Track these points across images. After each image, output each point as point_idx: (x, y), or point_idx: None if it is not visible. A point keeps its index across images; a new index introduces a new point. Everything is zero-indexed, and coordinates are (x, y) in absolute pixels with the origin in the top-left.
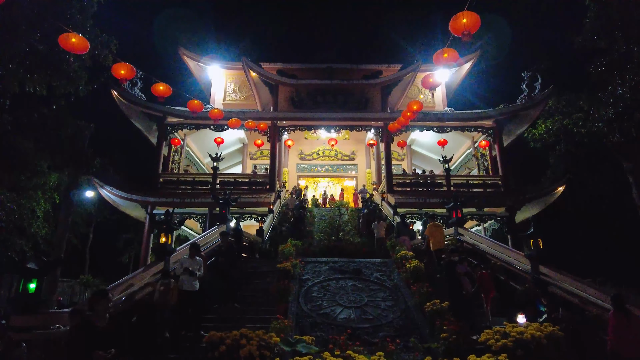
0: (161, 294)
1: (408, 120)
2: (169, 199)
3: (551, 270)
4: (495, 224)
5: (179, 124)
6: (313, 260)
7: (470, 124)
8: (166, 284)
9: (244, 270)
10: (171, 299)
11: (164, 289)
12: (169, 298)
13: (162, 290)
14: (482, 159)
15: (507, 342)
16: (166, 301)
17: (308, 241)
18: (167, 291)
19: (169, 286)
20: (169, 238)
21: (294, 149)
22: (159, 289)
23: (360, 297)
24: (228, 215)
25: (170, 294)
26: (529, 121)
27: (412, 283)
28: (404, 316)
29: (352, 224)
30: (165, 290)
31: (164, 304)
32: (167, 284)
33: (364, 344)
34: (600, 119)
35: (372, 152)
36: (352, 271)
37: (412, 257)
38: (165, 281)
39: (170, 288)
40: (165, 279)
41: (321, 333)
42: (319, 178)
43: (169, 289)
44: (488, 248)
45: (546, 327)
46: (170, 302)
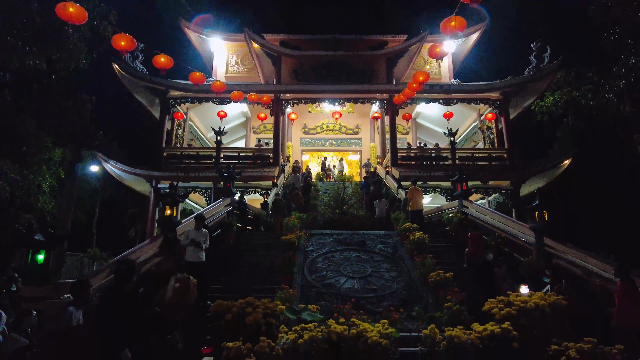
0: (176, 292)
1: (414, 92)
2: (173, 173)
3: (555, 242)
4: (499, 197)
5: (182, 97)
6: (317, 233)
7: (476, 96)
8: (183, 280)
9: (249, 243)
10: (189, 298)
11: (181, 286)
12: (188, 297)
13: (177, 287)
14: (488, 132)
15: (510, 311)
16: (183, 300)
17: (312, 214)
18: (184, 289)
19: (187, 283)
20: (174, 211)
21: (298, 123)
22: (174, 285)
23: (364, 268)
24: (232, 189)
25: (188, 293)
26: (537, 93)
27: (416, 254)
28: (408, 287)
29: (356, 197)
30: (183, 287)
31: (180, 303)
32: (184, 280)
33: (367, 313)
34: (610, 90)
35: (376, 126)
36: (356, 243)
37: (416, 229)
38: (181, 276)
39: (189, 285)
40: (182, 273)
41: (326, 302)
42: (323, 152)
43: (187, 287)
44: (492, 220)
45: (550, 297)
46: (190, 301)
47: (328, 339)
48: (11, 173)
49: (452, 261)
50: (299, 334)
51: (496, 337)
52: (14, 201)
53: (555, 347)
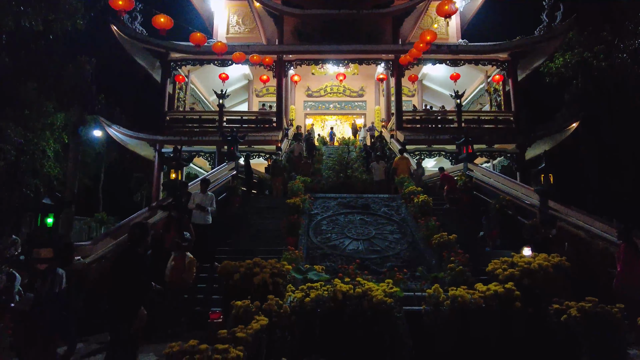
0: (173, 270)
1: (421, 52)
2: (176, 137)
3: (560, 205)
4: (504, 161)
5: (183, 59)
6: (322, 196)
7: (484, 57)
8: (179, 260)
9: (255, 206)
10: (188, 276)
11: (176, 265)
12: (186, 276)
13: (174, 265)
14: (495, 94)
15: (514, 272)
16: (181, 279)
17: (317, 178)
18: (180, 267)
19: (183, 262)
20: (178, 174)
21: (301, 85)
22: (170, 263)
23: (368, 230)
24: (237, 153)
25: (187, 271)
26: (547, 54)
27: (420, 217)
28: (411, 248)
29: (360, 161)
30: (179, 265)
31: (178, 282)
32: (179, 259)
33: (372, 274)
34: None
35: (381, 88)
36: (361, 206)
37: (420, 192)
38: (178, 255)
39: (187, 262)
40: (178, 251)
41: (331, 263)
42: (326, 116)
43: (184, 264)
44: (497, 183)
45: (553, 258)
46: (187, 281)
47: (334, 297)
48: (15, 136)
49: (456, 223)
50: (306, 292)
51: (499, 297)
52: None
53: (557, 306)
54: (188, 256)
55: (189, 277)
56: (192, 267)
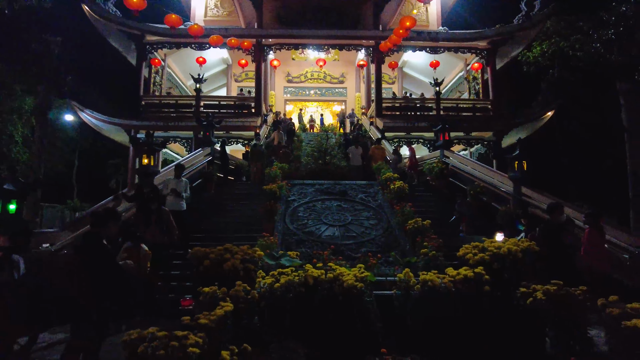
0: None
1: (400, 39)
2: (152, 123)
3: (533, 192)
4: (481, 148)
5: (159, 42)
6: (299, 183)
7: (464, 44)
8: (131, 251)
9: (231, 192)
10: (142, 271)
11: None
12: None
13: (125, 257)
14: (474, 82)
15: (484, 256)
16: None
17: (295, 165)
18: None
19: (139, 253)
20: (151, 159)
21: (281, 71)
22: (122, 255)
23: (345, 216)
24: (212, 138)
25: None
26: (525, 43)
27: (396, 203)
28: (387, 234)
29: (340, 148)
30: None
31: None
32: (132, 251)
33: (346, 259)
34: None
35: (362, 75)
36: (338, 192)
37: (396, 178)
38: (130, 246)
39: (142, 255)
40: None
41: (306, 249)
42: (307, 102)
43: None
44: (472, 170)
45: (523, 242)
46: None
47: (305, 282)
48: None
49: (431, 209)
50: (276, 278)
51: (469, 281)
52: None
53: (524, 289)
54: (143, 248)
55: (142, 272)
56: (147, 261)
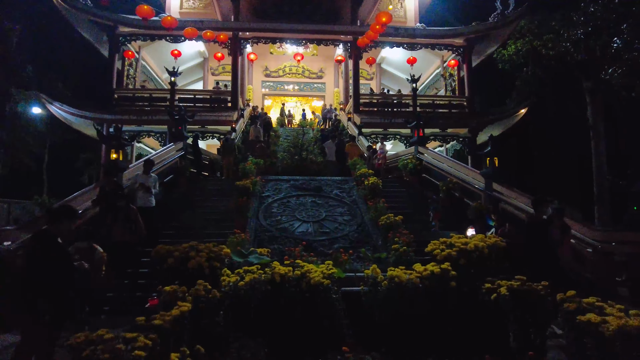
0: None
1: (377, 34)
2: (126, 116)
3: (504, 188)
4: (457, 145)
5: (132, 34)
6: (274, 179)
7: (441, 41)
8: (84, 252)
9: (205, 188)
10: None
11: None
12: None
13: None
14: (450, 79)
15: (451, 252)
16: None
17: (270, 160)
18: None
19: (94, 256)
20: (120, 154)
21: (259, 65)
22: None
23: (319, 212)
24: (185, 133)
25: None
26: (500, 41)
27: (370, 199)
28: (360, 229)
29: (316, 144)
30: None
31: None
32: (85, 251)
33: (318, 255)
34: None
35: (340, 70)
36: (313, 188)
37: (371, 174)
38: (83, 245)
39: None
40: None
41: (278, 246)
42: (285, 97)
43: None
44: (446, 167)
45: (489, 238)
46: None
47: (271, 280)
48: None
49: (405, 205)
50: (241, 276)
51: (436, 277)
52: None
53: (489, 285)
54: (97, 251)
55: (96, 277)
56: (101, 265)
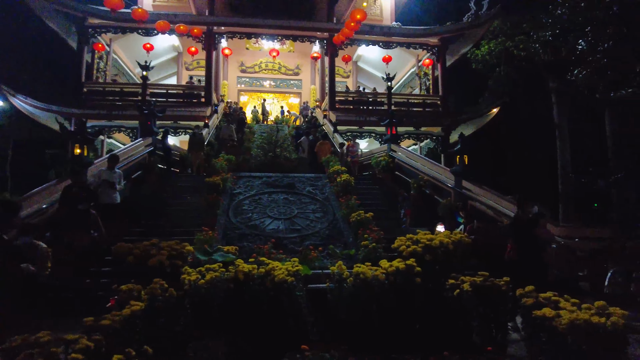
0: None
1: (352, 32)
2: (95, 111)
3: (473, 185)
4: (430, 143)
5: (103, 26)
6: (246, 175)
7: (416, 40)
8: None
9: (175, 185)
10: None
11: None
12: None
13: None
14: (425, 78)
15: (416, 248)
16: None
17: (243, 157)
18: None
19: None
20: (85, 149)
21: (235, 60)
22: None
23: (291, 209)
24: (154, 128)
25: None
26: (474, 41)
27: (342, 196)
28: (332, 226)
29: (290, 140)
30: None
31: None
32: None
33: (289, 252)
34: (537, 40)
35: (317, 67)
36: (286, 185)
37: (344, 171)
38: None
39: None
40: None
41: (248, 243)
42: (261, 93)
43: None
44: (418, 164)
45: (455, 235)
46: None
47: (235, 278)
48: None
49: (377, 202)
50: (202, 274)
51: (401, 273)
52: None
53: (452, 280)
54: (40, 246)
55: (42, 273)
56: (46, 261)
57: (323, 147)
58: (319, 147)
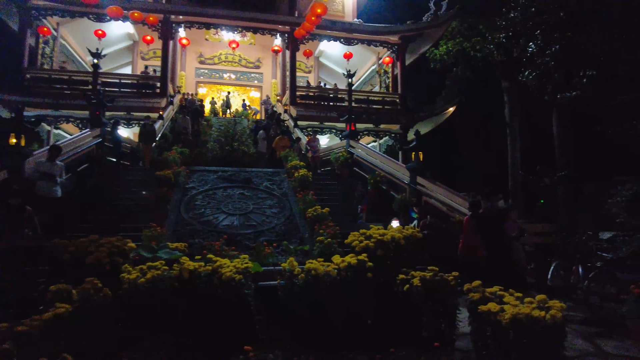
0: None
1: (313, 26)
2: (40, 99)
3: (427, 181)
4: (389, 140)
5: (47, 8)
6: (201, 169)
7: (377, 38)
8: None
9: (125, 179)
10: None
11: None
12: None
13: None
14: (385, 76)
15: (369, 243)
16: None
17: (199, 150)
18: None
19: None
20: (22, 139)
21: (193, 51)
22: None
23: (247, 205)
24: (103, 118)
25: None
26: (432, 41)
27: (299, 191)
28: (288, 222)
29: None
30: None
31: None
32: None
33: (242, 249)
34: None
35: (278, 61)
36: (242, 180)
37: (302, 166)
38: None
39: None
40: None
41: (199, 240)
42: (221, 86)
43: None
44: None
45: (407, 230)
46: None
47: (179, 276)
48: None
49: (335, 197)
50: (144, 272)
51: (353, 269)
52: None
53: (403, 276)
54: None
55: None
56: None
57: (281, 142)
58: (277, 142)
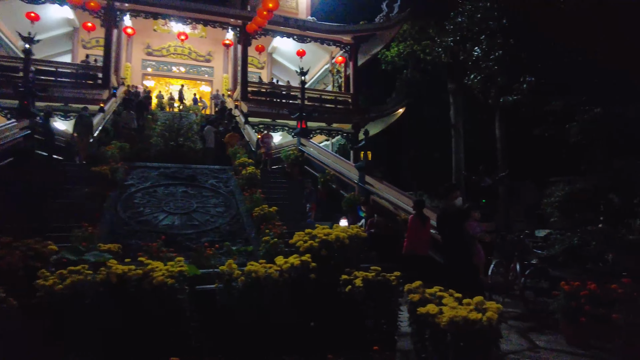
0: None
1: (265, 21)
2: None
3: (375, 180)
4: (342, 140)
5: None
6: (142, 165)
7: (330, 37)
8: None
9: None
10: None
11: None
12: None
13: None
14: (337, 75)
15: (313, 243)
16: None
17: (143, 146)
18: None
19: None
20: None
21: (140, 41)
22: None
23: (190, 203)
24: (32, 109)
25: None
26: (384, 42)
27: (247, 189)
28: (234, 221)
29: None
30: None
31: None
32: None
33: (183, 250)
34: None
35: (230, 56)
36: (186, 177)
37: (250, 164)
38: None
39: None
40: None
41: (137, 241)
42: (170, 79)
43: None
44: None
45: (352, 229)
46: None
47: (106, 281)
48: None
49: (284, 196)
50: (63, 278)
51: (296, 269)
52: None
53: (345, 276)
54: None
55: None
56: None
57: (231, 139)
58: (227, 139)
